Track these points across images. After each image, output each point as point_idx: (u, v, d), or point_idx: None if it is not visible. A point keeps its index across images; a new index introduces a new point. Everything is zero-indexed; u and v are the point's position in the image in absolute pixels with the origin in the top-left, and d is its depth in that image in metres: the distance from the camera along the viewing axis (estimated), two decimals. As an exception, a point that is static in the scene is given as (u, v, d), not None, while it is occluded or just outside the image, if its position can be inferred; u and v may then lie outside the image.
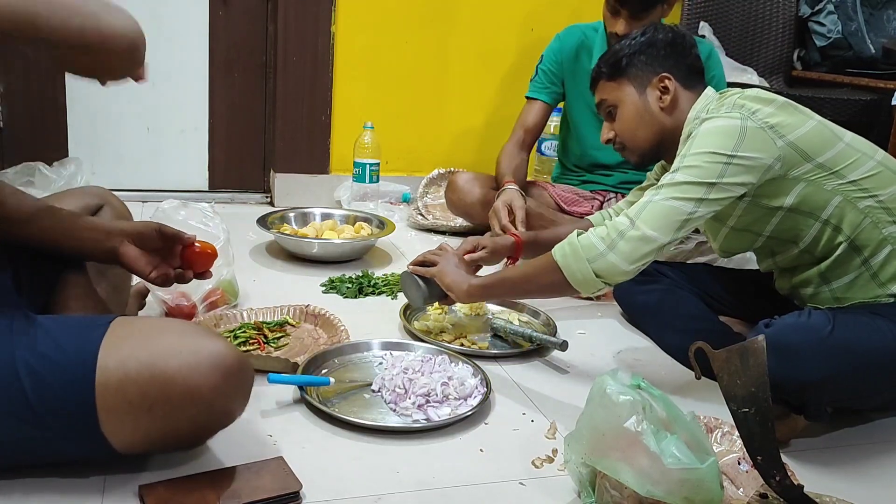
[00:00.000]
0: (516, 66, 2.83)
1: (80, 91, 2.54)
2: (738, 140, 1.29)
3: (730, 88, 1.47)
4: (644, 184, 1.72)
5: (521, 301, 1.85)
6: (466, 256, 1.62)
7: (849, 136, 1.38)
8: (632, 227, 1.30)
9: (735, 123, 1.31)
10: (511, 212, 1.95)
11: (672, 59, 1.48)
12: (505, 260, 1.74)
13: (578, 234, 1.35)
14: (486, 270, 1.66)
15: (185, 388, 0.97)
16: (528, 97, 2.32)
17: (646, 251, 1.29)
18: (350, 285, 1.92)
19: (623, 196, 2.29)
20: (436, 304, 1.61)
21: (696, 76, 1.50)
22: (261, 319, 1.63)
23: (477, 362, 1.47)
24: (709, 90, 1.48)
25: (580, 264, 1.32)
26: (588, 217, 1.79)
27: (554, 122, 2.65)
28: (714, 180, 1.29)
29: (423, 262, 1.59)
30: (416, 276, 1.56)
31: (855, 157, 1.34)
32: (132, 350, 0.97)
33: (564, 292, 1.41)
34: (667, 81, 1.47)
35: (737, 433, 1.05)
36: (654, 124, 1.49)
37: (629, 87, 1.50)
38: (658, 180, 1.55)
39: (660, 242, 1.29)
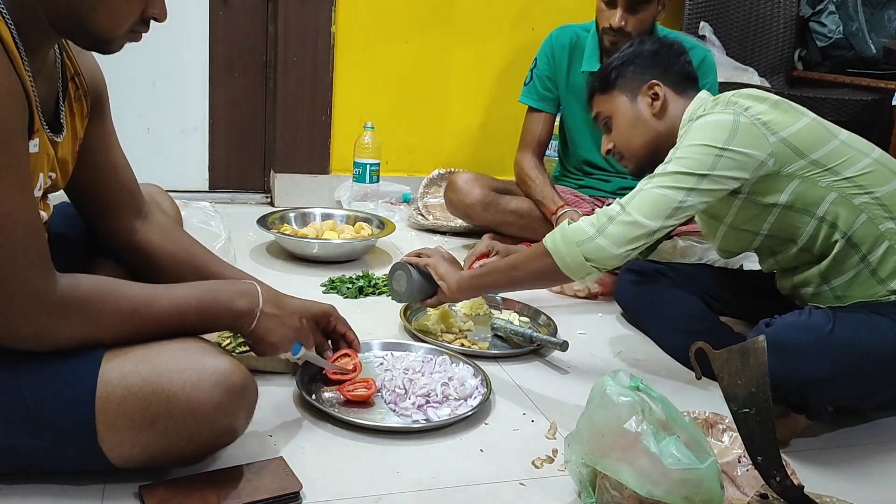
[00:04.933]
0: (517, 66, 2.82)
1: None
2: (730, 134, 1.31)
3: (724, 93, 1.48)
4: None
5: (521, 300, 1.85)
6: (478, 263, 1.63)
7: (844, 134, 1.39)
8: (622, 212, 1.33)
9: (728, 118, 1.33)
10: None
11: (659, 66, 1.53)
12: None
13: (568, 223, 1.37)
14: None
15: (187, 405, 0.96)
16: (530, 108, 2.31)
17: (635, 235, 1.31)
18: (350, 286, 1.92)
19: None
20: (428, 304, 1.61)
21: (687, 82, 1.54)
22: (261, 319, 1.62)
23: (477, 362, 1.47)
24: (703, 93, 1.51)
25: (569, 248, 1.34)
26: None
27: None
28: (705, 171, 1.31)
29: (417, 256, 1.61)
30: (410, 266, 1.57)
31: (850, 155, 1.34)
32: (135, 365, 0.97)
33: (555, 279, 1.43)
34: (656, 88, 1.51)
35: (737, 430, 1.05)
36: (647, 131, 1.53)
37: (621, 98, 1.55)
38: None
39: (649, 228, 1.31)
